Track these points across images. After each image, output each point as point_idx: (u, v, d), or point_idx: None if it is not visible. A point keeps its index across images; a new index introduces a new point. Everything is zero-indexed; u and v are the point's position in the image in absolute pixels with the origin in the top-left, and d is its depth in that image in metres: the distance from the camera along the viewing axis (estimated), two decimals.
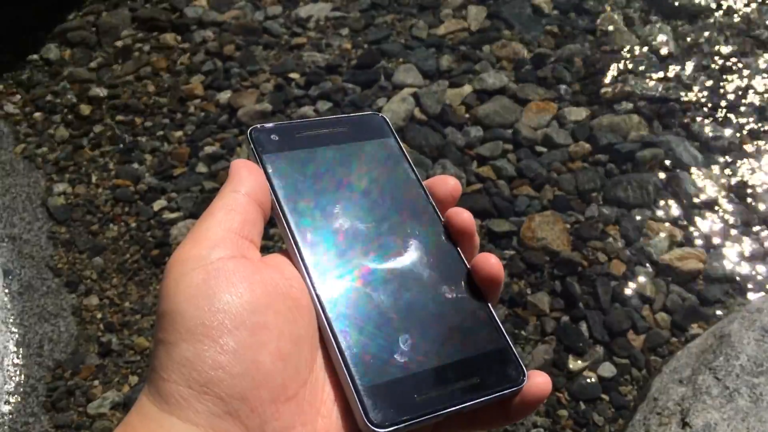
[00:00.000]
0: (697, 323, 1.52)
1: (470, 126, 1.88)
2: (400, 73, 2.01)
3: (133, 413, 0.34)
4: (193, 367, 0.33)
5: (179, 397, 0.32)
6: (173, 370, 0.33)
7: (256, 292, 0.35)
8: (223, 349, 0.33)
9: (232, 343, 0.33)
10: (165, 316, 0.35)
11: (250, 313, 0.34)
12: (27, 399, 1.49)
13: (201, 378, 0.33)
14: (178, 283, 0.35)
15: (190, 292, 0.34)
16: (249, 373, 0.33)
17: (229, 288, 0.34)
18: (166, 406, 0.33)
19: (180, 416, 0.32)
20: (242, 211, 0.38)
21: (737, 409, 1.18)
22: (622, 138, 1.83)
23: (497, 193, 1.74)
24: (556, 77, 1.99)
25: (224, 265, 0.35)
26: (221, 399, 0.32)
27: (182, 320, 0.34)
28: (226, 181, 0.40)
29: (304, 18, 2.21)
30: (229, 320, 0.34)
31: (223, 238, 0.36)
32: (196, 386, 0.33)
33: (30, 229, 1.77)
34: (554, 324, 1.53)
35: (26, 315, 1.61)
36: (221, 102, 2.00)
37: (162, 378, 0.33)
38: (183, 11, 2.24)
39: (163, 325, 0.35)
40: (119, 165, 1.89)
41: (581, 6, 2.17)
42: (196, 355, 0.33)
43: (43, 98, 2.07)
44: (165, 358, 0.33)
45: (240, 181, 0.40)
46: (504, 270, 1.62)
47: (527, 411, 0.38)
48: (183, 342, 0.33)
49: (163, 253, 1.71)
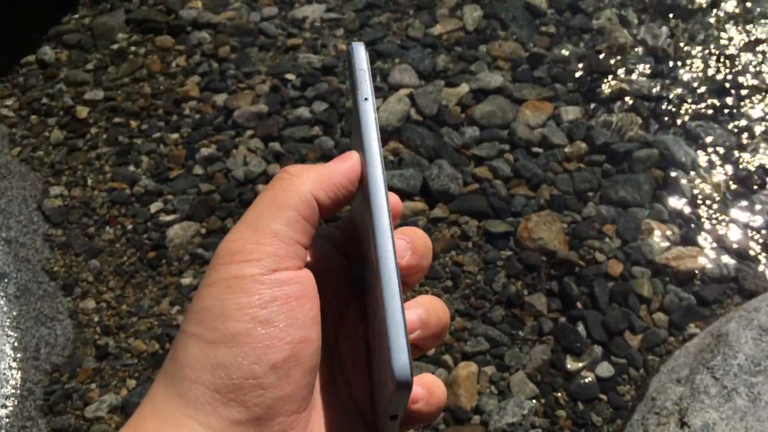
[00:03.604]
0: (694, 323, 1.52)
1: (466, 126, 1.88)
2: (396, 73, 2.00)
3: (146, 414, 0.33)
4: (227, 374, 0.32)
5: (205, 401, 0.32)
6: (205, 371, 0.32)
7: (304, 313, 0.34)
8: (262, 362, 0.33)
9: (274, 358, 0.33)
10: (207, 312, 0.34)
11: (296, 328, 0.34)
12: (24, 402, 1.49)
13: (232, 385, 0.32)
14: (231, 288, 0.34)
15: (241, 302, 0.33)
16: (281, 385, 0.33)
17: (282, 308, 0.34)
18: (187, 409, 0.32)
19: (200, 421, 0.32)
20: (314, 221, 0.36)
21: (735, 409, 1.18)
22: (619, 137, 1.83)
23: (494, 194, 1.74)
24: (552, 77, 1.99)
25: (280, 289, 0.34)
26: (247, 408, 0.32)
27: (227, 324, 0.33)
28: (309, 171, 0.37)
29: (299, 19, 2.21)
30: (276, 337, 0.33)
31: (286, 250, 0.35)
32: (225, 392, 0.32)
33: (26, 232, 1.76)
34: (552, 324, 1.53)
35: (23, 318, 1.60)
36: (217, 104, 1.99)
37: (189, 378, 0.32)
38: (178, 13, 2.24)
39: (202, 321, 0.33)
40: (115, 167, 1.89)
41: (577, 5, 2.17)
42: (234, 363, 0.32)
43: (39, 101, 2.06)
44: (198, 356, 0.33)
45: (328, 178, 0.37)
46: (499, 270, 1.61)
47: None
48: (223, 345, 0.32)
49: (160, 255, 1.70)
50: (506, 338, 1.52)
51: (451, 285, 1.61)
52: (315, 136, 1.89)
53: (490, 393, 1.46)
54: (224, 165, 1.85)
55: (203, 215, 1.77)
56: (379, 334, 0.34)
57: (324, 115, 1.93)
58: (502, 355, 1.50)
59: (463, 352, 1.51)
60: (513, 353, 1.50)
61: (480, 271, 1.63)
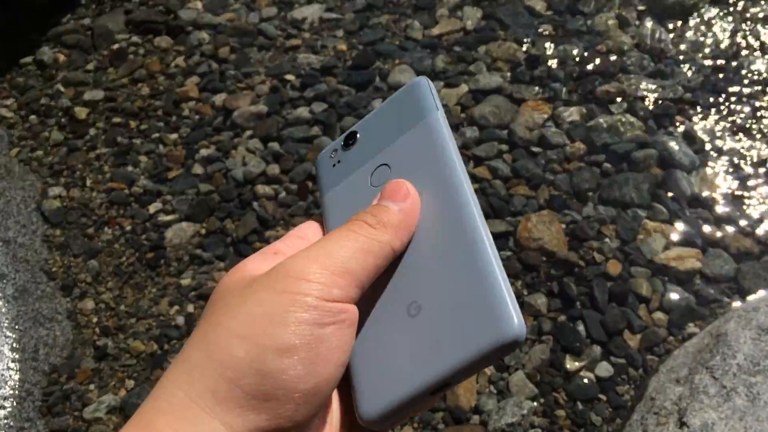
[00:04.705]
0: (693, 322, 1.52)
1: (466, 126, 1.88)
2: (396, 74, 2.00)
3: (159, 409, 0.33)
4: (271, 384, 0.33)
5: (237, 404, 0.32)
6: (249, 375, 0.32)
7: (349, 341, 0.36)
8: (307, 379, 0.33)
9: (319, 378, 0.34)
10: (264, 318, 0.34)
11: (343, 352, 0.35)
12: (22, 404, 1.48)
13: (272, 395, 0.33)
14: (295, 302, 0.34)
15: (304, 318, 0.34)
16: (316, 403, 0.34)
17: (335, 332, 0.35)
18: (215, 408, 0.32)
19: (224, 420, 0.32)
20: (382, 267, 0.37)
21: (734, 409, 1.18)
22: (618, 138, 1.83)
23: (493, 194, 1.74)
24: (552, 77, 1.99)
25: (338, 316, 0.35)
26: (278, 419, 0.33)
27: (285, 334, 0.33)
28: (392, 216, 0.38)
29: (298, 19, 2.21)
30: (326, 358, 0.34)
31: (351, 286, 0.36)
32: (262, 399, 0.32)
33: (25, 232, 1.76)
34: (551, 324, 1.53)
35: (21, 319, 1.60)
36: (216, 104, 1.99)
37: (228, 377, 0.32)
38: (178, 13, 2.24)
39: (256, 325, 0.34)
40: (114, 168, 1.89)
41: (576, 6, 2.17)
42: (282, 374, 0.33)
43: (38, 101, 2.06)
44: (244, 359, 0.33)
45: (401, 236, 0.38)
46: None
47: None
48: (274, 354, 0.33)
49: (159, 255, 1.70)
50: None
51: None
52: (314, 136, 1.89)
53: (490, 393, 1.45)
54: (223, 165, 1.85)
55: (202, 216, 1.77)
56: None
57: (323, 116, 1.93)
58: None
59: None
60: (512, 353, 1.50)
61: None
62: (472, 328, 0.34)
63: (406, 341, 0.36)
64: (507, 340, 0.33)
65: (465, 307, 0.35)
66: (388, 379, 0.36)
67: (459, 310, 0.35)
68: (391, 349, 0.36)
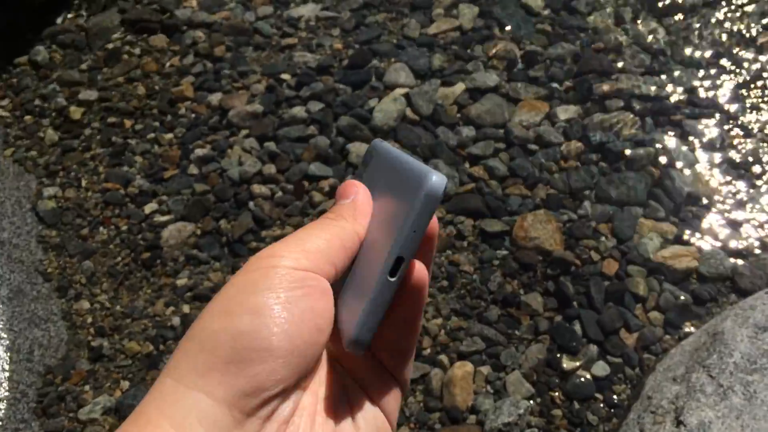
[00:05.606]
0: (690, 321, 1.52)
1: (462, 125, 1.88)
2: (392, 72, 2.00)
3: (154, 399, 0.34)
4: (245, 342, 0.34)
5: (219, 374, 0.34)
6: (224, 341, 0.34)
7: (321, 306, 0.38)
8: (279, 336, 0.35)
9: (290, 335, 0.35)
10: (238, 292, 0.36)
11: (315, 315, 0.37)
12: (17, 405, 1.48)
13: (248, 357, 0.34)
14: (267, 274, 0.36)
15: (272, 283, 0.36)
16: (292, 363, 0.35)
17: (305, 297, 0.37)
18: (198, 381, 0.34)
19: (205, 390, 0.33)
20: (351, 249, 0.41)
21: (731, 407, 1.18)
22: (615, 136, 1.83)
23: (489, 193, 1.74)
24: (548, 76, 1.98)
25: (306, 282, 0.37)
26: (256, 382, 0.34)
27: (253, 299, 0.35)
28: (346, 207, 0.42)
29: (294, 18, 2.20)
30: (296, 316, 0.36)
31: (323, 264, 0.39)
32: (238, 362, 0.34)
33: (19, 233, 1.76)
34: (547, 323, 1.53)
35: (16, 320, 1.59)
36: (212, 104, 1.98)
37: (208, 350, 0.34)
38: (173, 12, 2.23)
39: (229, 298, 0.36)
40: (109, 168, 1.88)
41: (572, 5, 2.17)
42: (254, 331, 0.34)
43: (33, 101, 2.05)
44: (218, 330, 0.35)
45: (360, 219, 0.42)
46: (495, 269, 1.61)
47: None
48: (246, 315, 0.35)
49: (154, 256, 1.70)
50: (502, 338, 1.52)
51: (447, 285, 1.61)
52: (310, 136, 1.89)
53: (486, 392, 1.45)
54: (219, 165, 1.85)
55: (198, 216, 1.76)
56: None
57: (319, 115, 1.92)
58: (497, 354, 1.50)
59: (458, 352, 1.50)
60: (509, 353, 1.50)
61: (476, 271, 1.62)
62: (406, 198, 0.38)
63: (366, 275, 0.40)
64: (431, 187, 0.37)
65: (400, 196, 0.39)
66: (356, 303, 0.39)
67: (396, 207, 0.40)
68: (359, 289, 0.40)
